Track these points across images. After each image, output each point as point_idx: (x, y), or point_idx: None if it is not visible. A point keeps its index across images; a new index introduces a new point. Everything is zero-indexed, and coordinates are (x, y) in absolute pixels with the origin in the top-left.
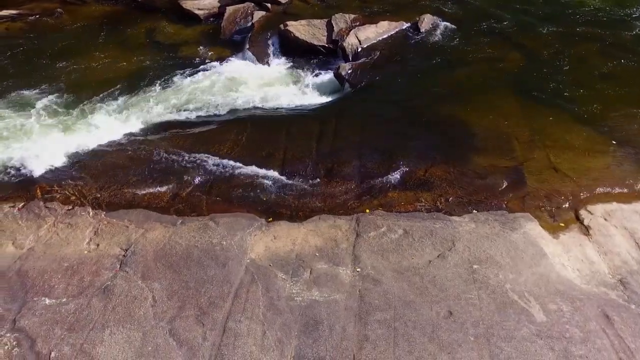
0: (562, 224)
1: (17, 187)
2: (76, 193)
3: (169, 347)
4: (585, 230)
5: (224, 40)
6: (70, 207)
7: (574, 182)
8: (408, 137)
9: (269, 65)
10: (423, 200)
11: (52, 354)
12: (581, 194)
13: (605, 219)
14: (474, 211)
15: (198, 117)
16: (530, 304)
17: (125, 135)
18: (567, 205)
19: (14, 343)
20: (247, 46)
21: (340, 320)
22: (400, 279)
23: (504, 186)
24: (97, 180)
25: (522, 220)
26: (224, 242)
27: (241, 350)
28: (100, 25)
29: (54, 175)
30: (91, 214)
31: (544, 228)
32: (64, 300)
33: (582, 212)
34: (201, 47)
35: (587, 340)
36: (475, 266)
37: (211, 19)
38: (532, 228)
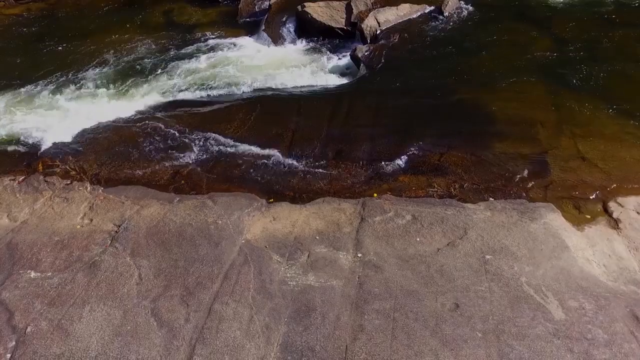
0: (589, 216)
1: (21, 161)
2: (77, 168)
3: (148, 327)
4: (615, 223)
5: (240, 21)
6: (68, 182)
7: (603, 172)
8: (424, 122)
9: (284, 46)
10: (436, 186)
11: (28, 329)
12: (611, 185)
13: (638, 212)
14: (491, 199)
15: (208, 96)
16: (547, 299)
17: (134, 112)
18: (594, 197)
19: None
20: (263, 27)
21: (335, 308)
22: (404, 267)
23: (526, 174)
24: (99, 156)
25: (544, 210)
26: (220, 221)
27: (224, 335)
28: (119, 6)
29: (58, 151)
30: (89, 189)
31: (567, 220)
32: (49, 274)
33: (612, 205)
34: (217, 28)
35: (612, 343)
36: (488, 256)
37: (228, 1)
38: (554, 219)
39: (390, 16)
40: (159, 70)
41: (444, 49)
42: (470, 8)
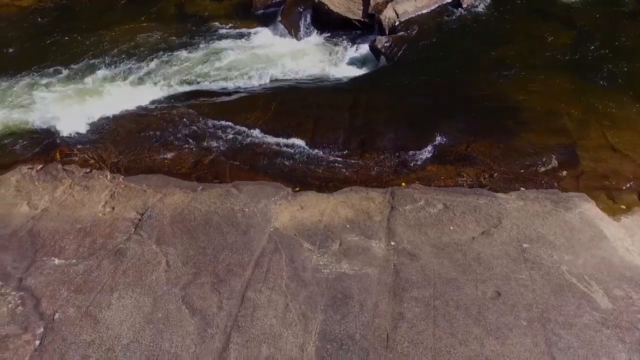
0: (624, 207)
1: (38, 149)
2: (95, 157)
3: (180, 315)
4: None
5: (255, 13)
6: (88, 170)
7: (635, 163)
8: (448, 112)
9: (300, 38)
10: (465, 175)
11: (56, 315)
12: None
13: None
14: (522, 188)
15: (225, 87)
16: (591, 288)
17: (150, 102)
18: (628, 187)
19: (18, 302)
20: (279, 19)
21: (372, 296)
22: (440, 255)
23: (556, 164)
24: (117, 145)
25: (577, 199)
26: (247, 210)
27: (260, 323)
28: None
29: (75, 139)
30: (109, 177)
31: (602, 209)
32: (74, 261)
33: None
34: (232, 20)
35: None
36: (525, 245)
37: None
38: (589, 208)
39: (408, 7)
40: (176, 61)
41: (464, 41)
42: (488, 0)
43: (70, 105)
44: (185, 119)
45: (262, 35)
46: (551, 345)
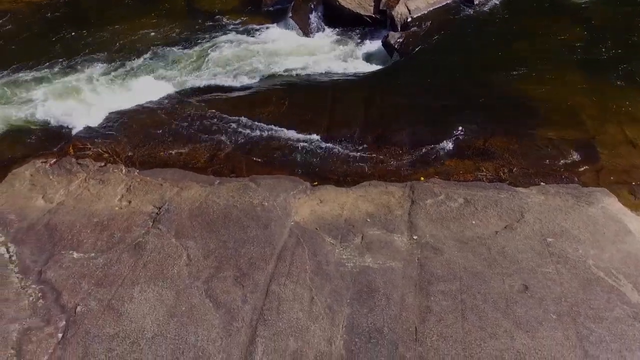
0: None
1: (51, 144)
2: (109, 151)
3: (205, 308)
4: None
5: (265, 9)
6: (102, 164)
7: None
8: (463, 108)
9: (312, 33)
10: (484, 170)
11: (78, 308)
12: None
13: None
14: (542, 183)
15: (237, 82)
16: (620, 282)
17: (163, 97)
18: None
19: (39, 295)
20: (290, 15)
21: (398, 289)
22: (464, 249)
23: (575, 159)
24: (131, 139)
25: (599, 194)
26: (266, 203)
27: (286, 316)
28: None
29: (88, 134)
30: (124, 171)
31: (624, 205)
32: (93, 254)
33: None
34: (242, 16)
35: None
36: (549, 239)
37: None
38: (611, 203)
39: (420, 4)
40: (186, 56)
41: (477, 37)
42: None
43: (82, 100)
44: (198, 114)
45: (273, 32)
46: (582, 338)
